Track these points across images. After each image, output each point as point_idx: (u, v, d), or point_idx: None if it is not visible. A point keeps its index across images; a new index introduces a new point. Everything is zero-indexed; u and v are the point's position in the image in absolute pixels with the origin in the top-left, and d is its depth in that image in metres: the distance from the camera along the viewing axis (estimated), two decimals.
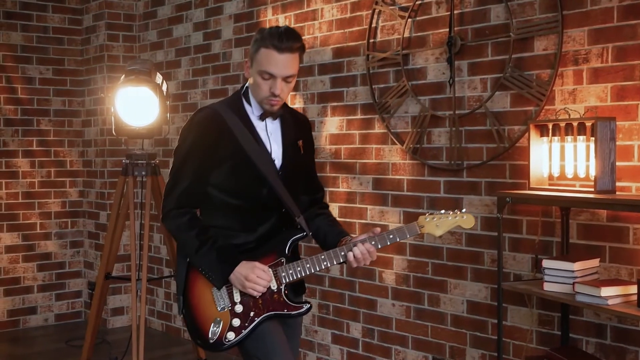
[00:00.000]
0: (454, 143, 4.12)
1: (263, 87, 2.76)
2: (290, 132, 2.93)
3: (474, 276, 4.07)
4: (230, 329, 2.77)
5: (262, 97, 2.79)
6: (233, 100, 2.90)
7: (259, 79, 2.76)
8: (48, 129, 6.59)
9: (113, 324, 6.45)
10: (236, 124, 2.80)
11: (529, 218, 3.79)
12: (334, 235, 2.93)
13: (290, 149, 2.91)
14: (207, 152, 2.78)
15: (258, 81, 2.76)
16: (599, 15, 3.51)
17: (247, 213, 2.84)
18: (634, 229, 3.38)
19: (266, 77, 2.74)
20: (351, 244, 2.78)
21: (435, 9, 4.22)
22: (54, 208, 6.64)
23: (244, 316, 2.77)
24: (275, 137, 2.89)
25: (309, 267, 2.78)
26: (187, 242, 2.80)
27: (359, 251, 2.75)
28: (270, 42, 2.70)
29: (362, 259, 2.75)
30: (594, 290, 3.07)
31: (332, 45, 4.81)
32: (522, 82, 3.80)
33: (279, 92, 2.75)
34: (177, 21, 6.11)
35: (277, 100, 2.78)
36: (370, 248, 2.77)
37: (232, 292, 2.79)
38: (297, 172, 2.95)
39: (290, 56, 2.73)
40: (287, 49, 2.71)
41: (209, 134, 2.79)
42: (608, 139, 3.21)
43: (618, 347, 3.47)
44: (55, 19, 6.60)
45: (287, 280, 2.80)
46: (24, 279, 6.49)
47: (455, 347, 4.18)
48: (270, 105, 2.80)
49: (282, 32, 2.73)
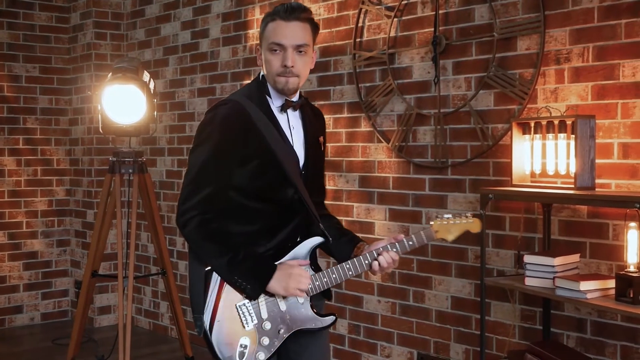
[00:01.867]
0: (438, 141, 4.17)
1: (274, 62, 2.56)
2: (312, 127, 2.73)
3: (458, 272, 4.13)
4: (260, 349, 2.55)
5: (274, 74, 2.57)
6: (252, 90, 2.67)
7: (269, 55, 2.57)
8: (34, 128, 6.60)
9: (100, 322, 6.47)
10: (260, 118, 2.58)
11: (511, 215, 3.85)
12: (346, 242, 2.75)
13: (313, 145, 2.72)
14: (234, 152, 2.55)
15: (268, 58, 2.57)
16: (580, 16, 3.58)
17: (268, 217, 2.62)
18: (614, 225, 3.45)
19: (276, 50, 2.55)
20: (374, 252, 2.61)
21: (421, 8, 4.27)
22: (41, 207, 6.65)
23: (272, 333, 2.56)
24: (297, 131, 2.69)
25: (335, 277, 2.60)
26: (217, 251, 2.54)
27: (384, 260, 2.60)
28: (277, 15, 2.56)
29: (386, 267, 2.61)
30: (573, 284, 3.13)
31: (318, 44, 4.85)
32: (506, 81, 3.86)
33: (291, 63, 2.54)
34: (165, 20, 6.14)
35: (291, 74, 2.56)
36: (395, 256, 2.62)
37: (260, 308, 2.57)
38: (317, 172, 2.79)
39: (298, 24, 2.56)
40: (294, 17, 2.55)
41: (235, 131, 2.55)
42: (588, 137, 3.28)
43: (598, 341, 3.54)
44: (42, 17, 6.61)
45: (313, 293, 2.60)
46: (10, 278, 6.49)
47: (440, 342, 4.23)
48: (285, 81, 2.57)
49: (288, 5, 2.58)
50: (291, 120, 2.67)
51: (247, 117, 2.56)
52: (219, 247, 2.54)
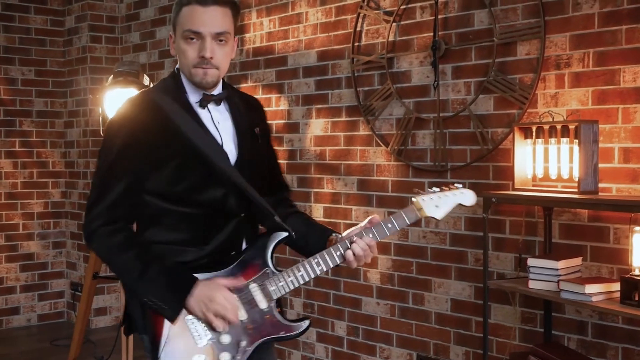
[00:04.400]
0: (438, 145, 4.21)
1: (190, 53, 2.25)
2: (242, 118, 2.40)
3: (458, 275, 4.17)
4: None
5: (190, 66, 2.26)
6: (167, 84, 2.36)
7: (184, 44, 2.25)
8: (30, 130, 6.60)
9: (96, 323, 6.47)
10: (177, 112, 2.26)
11: (512, 218, 3.89)
12: (317, 236, 2.42)
13: (246, 137, 2.39)
14: (144, 151, 2.23)
15: (183, 47, 2.25)
16: (581, 21, 3.62)
17: (197, 222, 2.29)
18: (615, 228, 3.49)
19: (192, 38, 2.24)
20: (347, 241, 2.29)
21: (420, 13, 4.30)
22: (37, 209, 6.65)
23: (233, 348, 2.23)
24: (225, 126, 2.35)
25: (301, 275, 2.27)
26: (125, 266, 2.22)
27: (359, 248, 2.27)
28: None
29: (363, 256, 2.28)
30: (579, 287, 3.17)
31: (316, 48, 4.88)
32: (505, 86, 3.89)
33: (209, 54, 2.23)
34: (160, 23, 6.15)
35: (210, 67, 2.26)
36: (371, 242, 2.29)
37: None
38: (258, 166, 2.42)
39: (218, 9, 2.25)
40: (213, 1, 2.24)
41: (145, 128, 2.24)
42: (591, 142, 3.32)
43: (599, 344, 3.58)
44: (37, 20, 6.61)
45: (277, 295, 2.28)
46: (7, 280, 6.49)
47: (440, 344, 4.27)
48: (203, 73, 2.26)
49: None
50: (215, 115, 2.35)
51: (159, 112, 2.26)
52: (128, 262, 2.20)
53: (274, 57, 5.15)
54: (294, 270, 2.28)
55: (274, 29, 5.12)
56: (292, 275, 2.28)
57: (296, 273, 2.28)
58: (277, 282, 2.28)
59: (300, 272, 2.28)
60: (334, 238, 2.39)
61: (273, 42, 5.14)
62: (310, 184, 4.93)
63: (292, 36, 5.03)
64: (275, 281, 2.28)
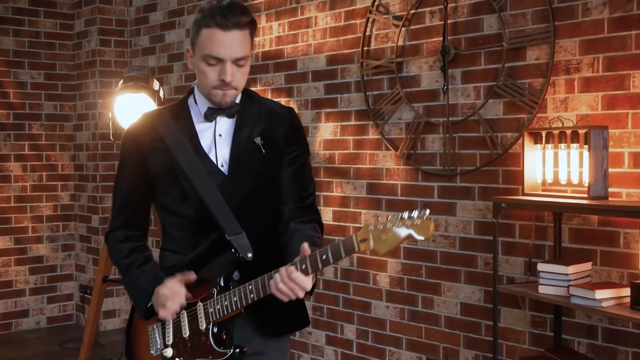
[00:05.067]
0: (447, 149, 4.22)
1: (210, 75, 2.28)
2: (246, 130, 2.39)
3: (468, 279, 4.18)
4: None
5: (209, 87, 2.31)
6: (177, 104, 2.46)
7: (204, 66, 2.28)
8: (40, 133, 6.63)
9: (105, 326, 6.50)
10: (171, 133, 2.36)
11: (521, 222, 3.90)
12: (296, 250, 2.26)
13: (242, 149, 2.37)
14: (137, 167, 2.41)
15: (203, 69, 2.28)
16: (590, 27, 3.63)
17: (183, 231, 2.40)
18: (625, 233, 3.50)
19: (212, 63, 2.26)
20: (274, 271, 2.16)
21: (429, 18, 4.32)
22: (46, 212, 6.68)
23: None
24: (226, 138, 2.39)
25: (236, 300, 2.22)
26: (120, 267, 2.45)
27: (279, 278, 2.13)
28: (213, 20, 2.23)
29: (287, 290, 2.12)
30: (589, 292, 3.18)
31: (326, 52, 4.90)
32: (515, 91, 3.91)
33: (230, 79, 2.27)
34: (169, 27, 6.18)
35: (229, 88, 2.31)
36: (292, 273, 2.11)
37: (167, 332, 2.34)
38: (253, 178, 2.37)
39: (238, 34, 2.25)
40: (233, 25, 2.24)
41: (137, 150, 2.40)
42: (601, 147, 3.33)
43: (609, 348, 3.59)
44: (47, 24, 6.64)
45: (214, 318, 2.25)
46: (16, 282, 6.52)
47: (449, 348, 4.28)
48: (223, 95, 2.32)
49: (224, 6, 2.25)
50: (221, 127, 2.39)
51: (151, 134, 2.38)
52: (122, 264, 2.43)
53: (283, 61, 5.17)
54: (231, 295, 2.24)
55: (283, 33, 5.15)
56: (227, 300, 2.24)
57: (232, 298, 2.23)
58: (215, 304, 2.26)
59: (235, 298, 2.22)
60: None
61: (282, 46, 5.16)
62: (319, 188, 4.95)
63: (301, 40, 5.05)
64: (215, 303, 2.26)
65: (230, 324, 2.29)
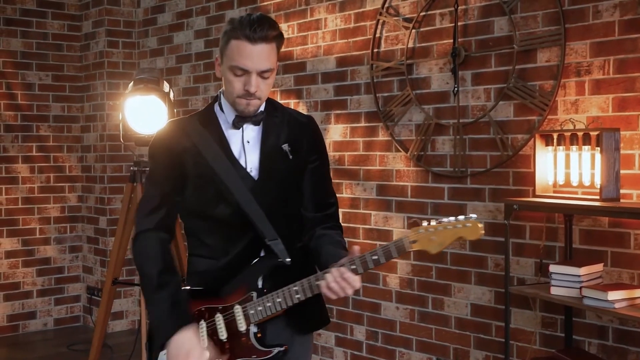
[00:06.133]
0: (458, 151, 4.24)
1: (236, 84, 2.38)
2: (272, 137, 2.49)
3: (478, 280, 4.20)
4: None
5: (234, 96, 2.41)
6: (204, 111, 2.56)
7: (230, 75, 2.39)
8: (47, 135, 6.64)
9: (113, 328, 6.50)
10: (203, 138, 2.45)
11: (532, 224, 3.92)
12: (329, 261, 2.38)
13: (270, 156, 2.47)
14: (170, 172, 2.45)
15: (230, 78, 2.39)
16: (601, 29, 3.65)
17: (215, 236, 2.47)
18: (635, 234, 3.52)
19: (239, 74, 2.37)
20: (323, 271, 2.29)
21: (439, 20, 4.34)
22: (53, 213, 6.69)
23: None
24: (254, 144, 2.48)
25: (279, 302, 2.33)
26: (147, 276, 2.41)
27: (331, 279, 2.23)
28: (242, 33, 2.32)
29: (336, 289, 2.24)
30: (601, 294, 3.20)
31: (335, 54, 4.91)
32: (526, 93, 3.93)
33: (254, 90, 2.37)
34: (177, 28, 6.19)
35: (253, 99, 2.40)
36: (346, 273, 2.23)
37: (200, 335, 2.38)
38: (283, 184, 2.49)
39: (265, 47, 2.35)
40: (261, 39, 2.33)
41: (169, 153, 2.46)
42: (613, 149, 3.35)
43: (620, 348, 3.61)
44: (54, 25, 6.65)
45: (255, 320, 2.35)
46: (24, 284, 6.54)
47: (460, 349, 4.30)
48: (246, 104, 2.41)
49: (254, 19, 2.34)
50: (247, 135, 2.48)
51: (184, 138, 2.46)
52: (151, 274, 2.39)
53: (293, 62, 5.19)
54: (274, 297, 2.34)
55: (293, 34, 5.17)
56: (270, 302, 2.34)
57: (275, 300, 2.34)
58: (257, 306, 2.35)
59: (279, 299, 2.34)
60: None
61: (292, 48, 5.18)
62: None
63: (310, 42, 5.07)
64: (256, 306, 2.35)
65: (266, 324, 2.39)
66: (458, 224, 2.15)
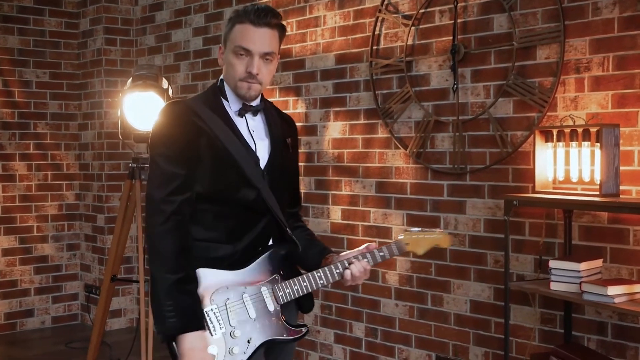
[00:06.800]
0: (457, 148, 4.25)
1: (238, 67, 2.46)
2: (277, 128, 2.63)
3: (477, 277, 4.20)
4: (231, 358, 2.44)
5: (237, 79, 2.48)
6: (207, 95, 2.58)
7: (233, 58, 2.47)
8: (45, 132, 6.64)
9: (111, 326, 6.50)
10: (214, 121, 2.48)
11: (531, 220, 3.93)
12: (316, 252, 2.70)
13: (278, 146, 2.61)
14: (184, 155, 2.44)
15: (232, 61, 2.47)
16: (600, 26, 3.66)
17: (231, 220, 2.51)
18: (635, 230, 3.53)
19: (241, 54, 2.45)
20: (345, 262, 2.57)
21: (439, 17, 4.34)
22: (51, 211, 6.69)
23: (242, 342, 2.45)
24: (259, 133, 2.58)
25: (306, 285, 2.55)
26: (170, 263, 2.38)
27: (356, 269, 2.56)
28: (246, 17, 2.45)
29: (358, 277, 2.57)
30: (601, 289, 3.21)
31: (334, 51, 4.92)
32: (525, 89, 3.93)
33: (256, 71, 2.45)
34: (176, 26, 6.19)
35: (255, 82, 2.48)
36: (366, 266, 2.59)
37: (228, 314, 2.45)
38: (284, 175, 2.65)
39: (268, 31, 2.47)
40: (264, 23, 2.45)
41: (182, 127, 2.45)
42: (612, 145, 3.36)
43: (619, 344, 3.62)
44: (52, 23, 6.65)
45: (284, 300, 2.54)
46: (21, 282, 6.53)
47: (459, 345, 4.31)
48: (248, 87, 2.49)
49: (259, 7, 2.47)
50: (251, 124, 2.58)
51: (197, 118, 2.46)
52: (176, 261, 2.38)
53: (292, 60, 5.19)
54: (300, 281, 2.55)
55: (292, 32, 5.17)
56: (297, 285, 2.55)
57: (301, 283, 2.55)
58: (284, 288, 2.54)
59: (305, 282, 2.56)
60: (330, 257, 2.67)
61: (290, 45, 5.18)
62: (328, 186, 4.97)
63: (309, 39, 5.07)
64: (284, 287, 2.54)
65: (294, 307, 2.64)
66: (436, 234, 2.69)
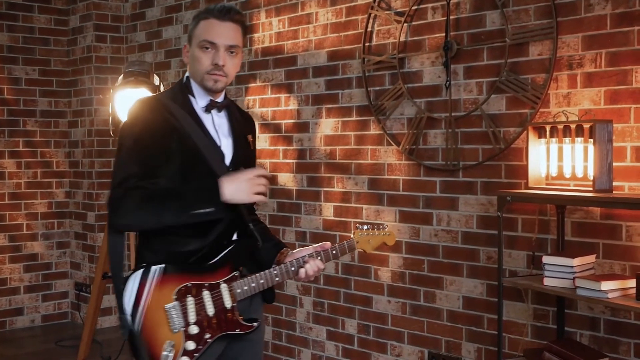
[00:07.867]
0: (450, 144, 4.25)
1: (204, 60, 2.56)
2: (239, 125, 2.73)
3: (470, 273, 4.21)
4: (184, 354, 2.50)
5: (203, 72, 2.57)
6: (174, 92, 2.65)
7: (199, 52, 2.56)
8: (34, 130, 6.61)
9: (101, 323, 6.47)
10: (183, 116, 2.55)
11: (524, 217, 3.94)
12: (270, 247, 2.78)
13: (241, 144, 2.71)
14: (152, 149, 2.52)
15: (198, 55, 2.57)
16: (593, 22, 3.67)
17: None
18: (627, 226, 3.55)
19: (207, 47, 2.55)
20: (300, 260, 2.67)
21: (431, 14, 4.35)
22: (41, 209, 6.66)
23: (198, 338, 2.52)
24: (223, 130, 2.67)
25: (262, 282, 2.62)
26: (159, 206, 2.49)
27: (310, 268, 2.67)
28: (211, 14, 2.58)
29: (311, 275, 2.68)
30: (594, 284, 3.22)
31: (327, 48, 4.92)
32: (518, 86, 3.94)
33: (222, 62, 2.55)
34: (166, 23, 6.17)
35: (221, 74, 2.57)
36: (320, 265, 2.69)
37: (187, 311, 2.51)
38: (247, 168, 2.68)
39: (232, 25, 2.60)
40: (228, 18, 2.58)
41: (154, 128, 2.52)
42: (605, 141, 3.37)
43: (611, 339, 3.64)
44: (41, 20, 6.62)
45: (241, 297, 2.60)
46: (11, 280, 6.50)
47: (451, 341, 4.31)
48: (214, 81, 2.57)
49: (222, 5, 2.61)
50: (216, 120, 2.65)
51: (168, 113, 2.53)
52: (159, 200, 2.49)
53: (284, 57, 5.18)
54: (257, 278, 2.62)
55: (284, 29, 5.16)
56: (255, 282, 2.62)
57: (258, 280, 2.62)
58: (242, 285, 2.60)
59: (262, 280, 2.63)
60: (285, 251, 2.77)
61: (282, 42, 5.17)
62: (320, 183, 4.97)
63: (301, 36, 5.06)
64: (242, 285, 2.60)
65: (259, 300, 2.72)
66: (384, 232, 2.81)
